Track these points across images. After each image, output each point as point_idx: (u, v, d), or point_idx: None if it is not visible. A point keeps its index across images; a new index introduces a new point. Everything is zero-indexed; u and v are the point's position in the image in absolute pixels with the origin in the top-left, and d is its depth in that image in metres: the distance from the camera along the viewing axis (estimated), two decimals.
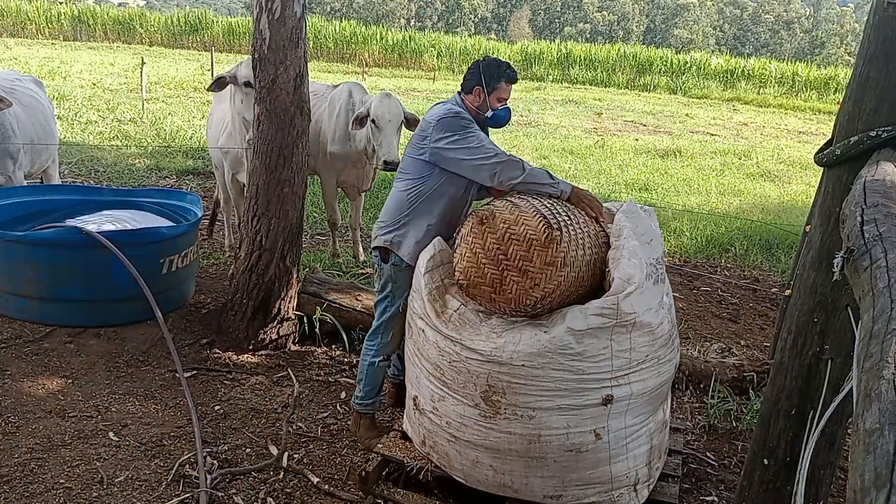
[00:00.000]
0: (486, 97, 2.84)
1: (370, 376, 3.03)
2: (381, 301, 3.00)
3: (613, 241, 2.57)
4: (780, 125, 17.49)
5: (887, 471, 0.69)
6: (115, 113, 10.59)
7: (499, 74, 2.84)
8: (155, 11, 33.58)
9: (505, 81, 2.85)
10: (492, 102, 2.86)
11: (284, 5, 3.49)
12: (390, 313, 2.97)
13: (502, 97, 2.88)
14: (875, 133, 1.77)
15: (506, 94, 2.88)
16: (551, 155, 10.60)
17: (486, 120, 2.89)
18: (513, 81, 2.89)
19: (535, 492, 2.44)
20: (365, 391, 3.04)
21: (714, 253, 6.35)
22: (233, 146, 4.59)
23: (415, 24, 57.03)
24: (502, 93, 2.87)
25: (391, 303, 2.96)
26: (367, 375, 3.03)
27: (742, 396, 3.62)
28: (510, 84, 2.88)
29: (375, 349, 3.02)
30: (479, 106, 2.85)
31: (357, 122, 4.33)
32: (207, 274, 4.88)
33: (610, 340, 2.32)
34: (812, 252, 1.97)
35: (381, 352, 3.01)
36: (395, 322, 2.98)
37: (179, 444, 2.93)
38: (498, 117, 2.91)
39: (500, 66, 2.86)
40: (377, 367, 3.02)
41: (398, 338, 3.03)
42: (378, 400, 3.10)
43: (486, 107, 2.86)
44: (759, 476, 2.12)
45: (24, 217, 4.33)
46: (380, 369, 3.04)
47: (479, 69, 2.85)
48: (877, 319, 0.98)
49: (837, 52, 54.11)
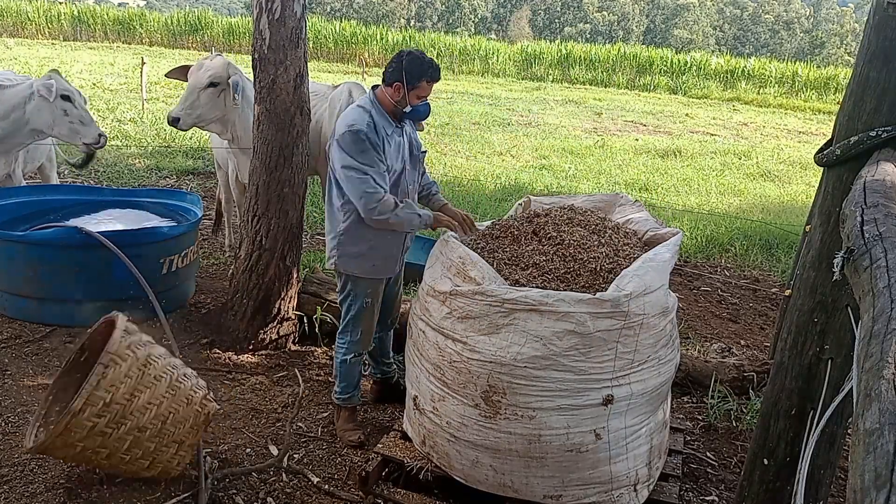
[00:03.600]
0: (405, 93, 2.78)
1: (344, 373, 3.09)
2: (344, 300, 3.03)
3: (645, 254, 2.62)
4: (780, 125, 17.48)
5: (887, 471, 0.69)
6: (115, 113, 10.59)
7: (420, 73, 2.76)
8: (155, 11, 33.54)
9: (426, 81, 2.79)
10: (411, 99, 2.80)
11: (284, 5, 3.49)
12: (354, 312, 3.00)
13: (422, 95, 2.82)
14: (875, 133, 1.77)
15: (426, 92, 2.82)
16: (551, 155, 10.60)
17: (404, 114, 2.86)
18: (435, 80, 2.82)
19: (535, 492, 2.44)
20: (341, 387, 3.11)
21: (714, 253, 6.35)
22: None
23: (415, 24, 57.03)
24: (422, 91, 2.80)
25: (353, 301, 2.99)
26: (342, 372, 3.09)
27: (742, 396, 3.62)
28: (432, 83, 2.81)
29: (346, 347, 3.05)
30: (397, 101, 2.81)
31: None
32: (207, 274, 4.88)
33: (616, 343, 2.32)
34: (812, 252, 1.97)
35: (352, 349, 3.05)
36: (361, 320, 3.01)
37: None
38: (417, 112, 2.87)
39: (422, 63, 2.77)
40: (350, 364, 3.07)
41: (368, 336, 3.07)
42: (356, 394, 3.15)
43: (406, 103, 2.81)
44: (759, 476, 2.12)
45: (24, 217, 4.33)
46: (353, 365, 3.08)
47: (401, 63, 2.77)
48: (877, 319, 0.98)
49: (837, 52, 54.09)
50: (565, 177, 9.09)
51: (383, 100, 2.83)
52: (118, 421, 2.36)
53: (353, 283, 2.97)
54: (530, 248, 2.73)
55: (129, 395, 2.37)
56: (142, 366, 2.42)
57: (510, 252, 2.73)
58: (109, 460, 2.43)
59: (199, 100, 4.23)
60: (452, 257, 2.59)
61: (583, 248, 2.71)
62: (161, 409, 2.45)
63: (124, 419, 2.37)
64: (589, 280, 2.56)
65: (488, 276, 2.45)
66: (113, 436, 2.36)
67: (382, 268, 2.97)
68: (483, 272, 2.47)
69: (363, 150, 2.69)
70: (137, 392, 2.39)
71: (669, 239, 2.74)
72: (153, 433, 2.44)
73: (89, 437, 2.34)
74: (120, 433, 2.37)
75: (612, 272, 2.58)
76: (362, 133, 2.69)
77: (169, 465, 2.55)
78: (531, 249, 2.72)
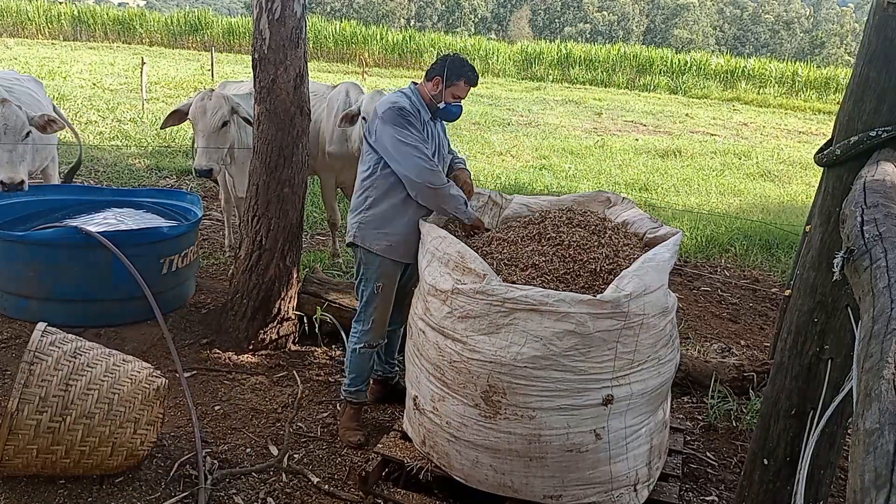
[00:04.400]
0: (443, 89, 2.97)
1: (354, 363, 3.11)
2: (358, 285, 3.10)
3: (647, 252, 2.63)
4: (780, 125, 17.48)
5: (887, 471, 0.69)
6: (115, 113, 10.59)
7: (461, 73, 2.96)
8: (155, 11, 33.52)
9: (465, 81, 2.98)
10: (446, 96, 2.98)
11: (284, 5, 3.49)
12: (366, 297, 3.06)
13: (458, 94, 3.00)
14: (875, 133, 1.77)
15: (462, 92, 3.01)
16: (551, 155, 10.61)
17: (438, 109, 3.02)
18: (472, 84, 3.02)
19: (535, 492, 2.44)
20: (350, 378, 3.12)
21: (714, 253, 6.35)
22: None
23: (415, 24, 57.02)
24: (459, 90, 2.99)
25: (365, 285, 3.05)
26: (351, 362, 3.12)
27: (742, 396, 3.62)
28: (469, 85, 3.01)
29: (358, 335, 3.10)
30: (434, 95, 2.99)
31: (347, 120, 4.32)
32: (207, 274, 4.88)
33: (616, 343, 2.32)
34: (812, 252, 1.97)
35: (363, 339, 3.08)
36: (373, 307, 3.05)
37: (179, 444, 2.93)
38: (449, 110, 3.04)
39: (464, 65, 2.99)
40: (359, 354, 3.09)
41: (380, 326, 3.10)
42: (364, 390, 3.15)
43: (441, 98, 2.99)
44: (759, 476, 2.12)
45: (24, 217, 4.33)
46: (363, 357, 3.09)
47: (445, 62, 2.98)
48: (877, 319, 0.98)
49: (837, 52, 54.07)
50: (565, 177, 9.09)
51: (422, 92, 3.01)
52: (62, 413, 2.36)
53: (367, 262, 3.01)
54: (529, 249, 2.73)
55: (63, 385, 2.37)
56: (70, 357, 2.42)
57: (509, 253, 2.73)
58: (70, 457, 2.43)
59: (217, 142, 4.22)
60: (450, 252, 2.59)
61: (582, 248, 2.71)
62: (104, 392, 2.44)
63: (67, 410, 2.37)
64: (589, 281, 2.56)
65: (489, 270, 2.45)
66: (62, 430, 2.36)
67: (398, 249, 2.98)
68: (483, 265, 2.47)
69: (409, 123, 2.85)
70: (73, 380, 2.39)
71: (669, 239, 2.74)
72: (102, 417, 2.43)
73: (39, 437, 2.34)
74: (68, 425, 2.37)
75: (611, 273, 2.57)
76: (405, 110, 2.87)
77: (132, 446, 2.53)
78: (530, 250, 2.72)
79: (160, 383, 2.62)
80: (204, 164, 4.14)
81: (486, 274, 2.42)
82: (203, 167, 4.15)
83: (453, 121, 3.15)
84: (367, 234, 2.97)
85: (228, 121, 4.23)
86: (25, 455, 2.36)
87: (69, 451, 2.41)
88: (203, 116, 4.17)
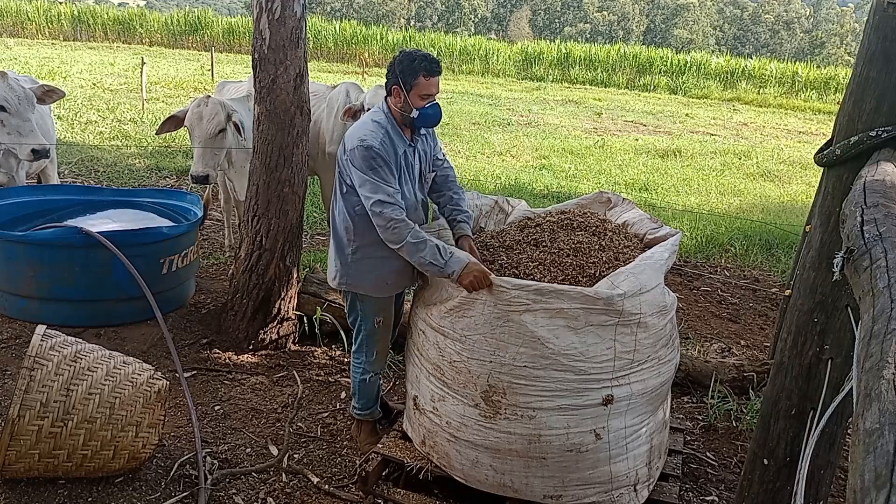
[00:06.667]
0: (405, 96, 2.57)
1: (363, 391, 2.96)
2: (354, 321, 2.88)
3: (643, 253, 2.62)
4: (780, 125, 17.48)
5: (887, 471, 0.69)
6: (115, 113, 10.59)
7: (413, 69, 2.54)
8: (155, 11, 33.50)
9: (423, 75, 2.55)
10: (414, 101, 2.58)
11: (284, 5, 3.49)
12: (365, 332, 2.84)
13: (424, 93, 2.57)
14: (875, 133, 1.77)
15: (427, 89, 2.57)
16: (551, 155, 10.60)
17: (413, 121, 2.63)
18: (433, 74, 2.57)
19: (535, 492, 2.44)
20: (361, 403, 3.00)
21: (714, 253, 6.35)
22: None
23: (415, 24, 57.03)
24: (423, 88, 2.56)
25: (364, 323, 2.83)
26: (360, 390, 2.96)
27: (742, 396, 3.62)
28: (430, 77, 2.57)
29: (363, 367, 2.91)
30: (401, 107, 2.61)
31: (350, 116, 4.27)
32: (207, 274, 4.88)
33: (614, 341, 2.32)
34: (812, 252, 1.97)
35: (370, 370, 2.91)
36: (375, 340, 2.86)
37: (179, 444, 2.93)
38: (426, 116, 2.62)
39: (414, 59, 2.56)
40: (369, 383, 2.95)
41: (384, 354, 2.94)
42: (376, 408, 3.05)
43: (409, 107, 2.59)
44: (759, 476, 2.12)
45: (24, 217, 4.33)
46: (372, 384, 2.96)
47: (394, 66, 2.59)
48: (877, 319, 0.98)
49: (837, 52, 54.07)
50: (565, 177, 9.09)
51: (393, 111, 2.64)
52: (63, 418, 2.36)
53: (362, 303, 2.78)
54: (525, 256, 2.72)
55: (64, 390, 2.36)
56: (71, 361, 2.42)
57: (506, 259, 2.72)
58: (72, 461, 2.43)
59: (213, 149, 4.19)
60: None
61: (582, 252, 2.70)
62: (105, 396, 2.44)
63: (68, 415, 2.36)
64: (588, 286, 2.55)
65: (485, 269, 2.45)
66: (64, 434, 2.36)
67: (395, 284, 2.76)
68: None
69: (378, 166, 2.52)
70: (73, 385, 2.39)
71: (669, 239, 2.74)
72: (104, 422, 2.43)
73: (41, 442, 2.33)
74: (69, 430, 2.37)
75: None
76: (373, 151, 2.52)
77: (134, 449, 2.53)
78: (526, 258, 2.70)
79: (161, 385, 2.62)
80: (200, 171, 4.12)
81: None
82: (200, 173, 4.12)
83: (436, 124, 2.74)
84: (358, 279, 2.71)
85: (225, 127, 4.22)
86: (27, 460, 2.36)
87: (71, 455, 2.41)
88: (199, 123, 4.15)
